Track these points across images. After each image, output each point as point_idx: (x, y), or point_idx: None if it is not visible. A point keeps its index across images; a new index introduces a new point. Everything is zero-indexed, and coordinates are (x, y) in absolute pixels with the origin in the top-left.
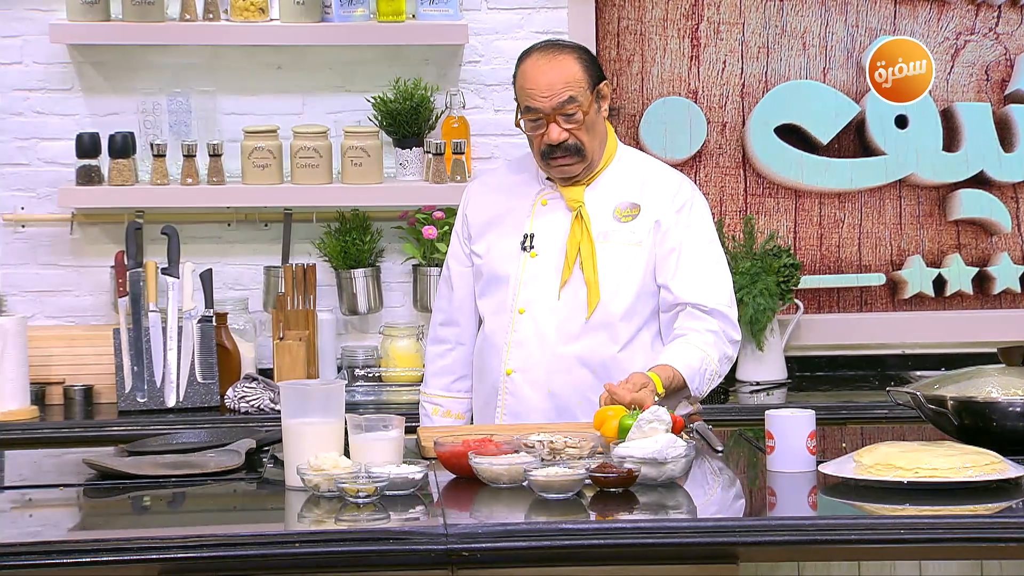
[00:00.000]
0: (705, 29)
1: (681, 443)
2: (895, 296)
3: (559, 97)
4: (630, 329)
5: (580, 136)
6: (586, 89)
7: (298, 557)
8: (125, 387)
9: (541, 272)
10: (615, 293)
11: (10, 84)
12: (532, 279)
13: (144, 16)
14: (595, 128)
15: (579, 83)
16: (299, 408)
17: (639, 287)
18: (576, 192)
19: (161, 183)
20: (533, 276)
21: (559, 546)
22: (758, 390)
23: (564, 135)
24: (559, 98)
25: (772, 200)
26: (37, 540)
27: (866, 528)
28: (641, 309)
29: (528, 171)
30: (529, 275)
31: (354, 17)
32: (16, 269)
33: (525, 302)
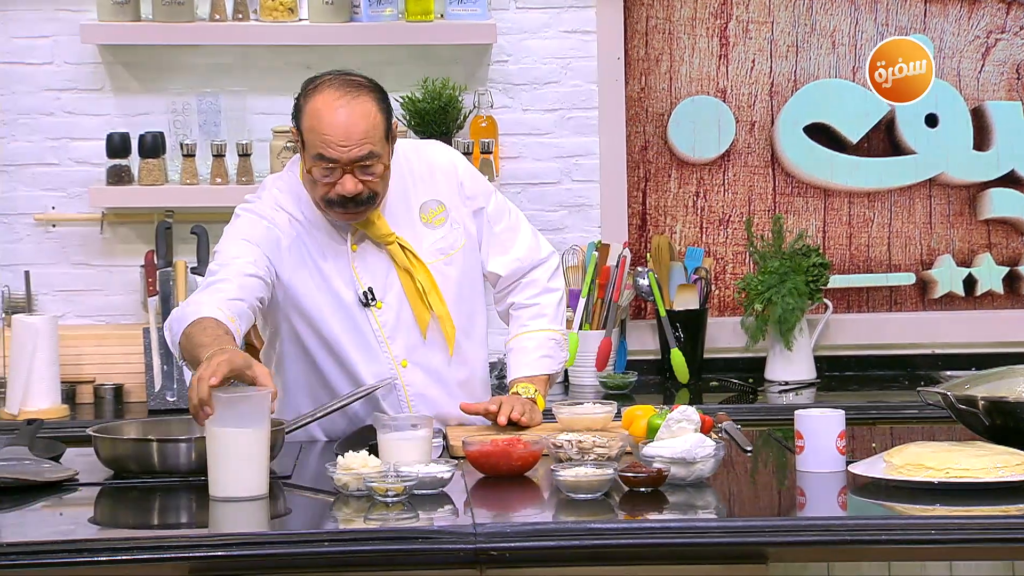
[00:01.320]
0: (734, 28)
1: (710, 442)
2: (925, 296)
3: (359, 150)
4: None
5: (375, 187)
6: (384, 138)
7: (327, 556)
8: (155, 386)
9: (396, 321)
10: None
11: (41, 84)
12: (393, 332)
13: (174, 16)
14: (387, 174)
15: (378, 131)
16: (224, 416)
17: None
18: (380, 225)
19: (191, 183)
20: (392, 329)
21: (588, 546)
22: (787, 390)
23: (360, 187)
24: (359, 151)
25: (801, 199)
26: (68, 538)
27: (896, 528)
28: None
29: (313, 207)
30: (389, 329)
31: (383, 17)
32: (47, 268)
33: (403, 355)
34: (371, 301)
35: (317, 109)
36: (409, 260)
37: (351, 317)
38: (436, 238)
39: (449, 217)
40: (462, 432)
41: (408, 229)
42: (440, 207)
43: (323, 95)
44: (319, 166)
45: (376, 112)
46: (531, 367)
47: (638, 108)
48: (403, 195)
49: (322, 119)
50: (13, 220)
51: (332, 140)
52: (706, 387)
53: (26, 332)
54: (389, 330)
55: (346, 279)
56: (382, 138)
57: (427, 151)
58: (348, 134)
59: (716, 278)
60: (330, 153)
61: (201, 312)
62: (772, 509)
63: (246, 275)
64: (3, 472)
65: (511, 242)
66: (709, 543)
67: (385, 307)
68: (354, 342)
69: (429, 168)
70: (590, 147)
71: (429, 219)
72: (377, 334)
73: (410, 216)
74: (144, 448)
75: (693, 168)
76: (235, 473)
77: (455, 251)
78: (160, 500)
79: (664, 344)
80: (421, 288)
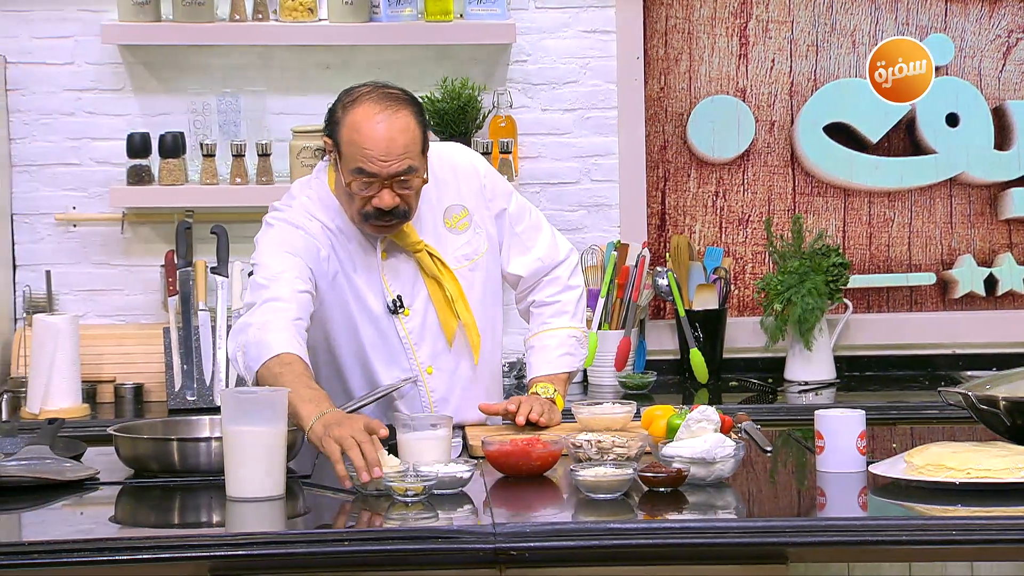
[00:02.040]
0: (754, 27)
1: (730, 443)
2: (946, 296)
3: (399, 165)
4: (498, 331)
5: (411, 202)
6: (421, 152)
7: (346, 555)
8: (175, 385)
9: (423, 329)
10: (486, 312)
11: (62, 84)
12: (419, 340)
13: (194, 17)
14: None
15: (417, 145)
16: (241, 415)
17: (498, 291)
18: (409, 233)
19: (210, 183)
20: (419, 336)
21: (607, 546)
22: (806, 390)
23: (397, 201)
24: (399, 165)
25: (821, 199)
26: (89, 537)
27: (917, 529)
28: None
29: (343, 217)
30: (415, 336)
31: (402, 17)
32: (68, 268)
33: (428, 361)
34: (399, 308)
35: (357, 122)
36: (437, 268)
37: (379, 325)
38: (460, 243)
39: (472, 222)
40: (481, 432)
41: (433, 235)
42: (463, 211)
43: (363, 108)
44: (358, 180)
45: (415, 126)
46: (552, 365)
47: (657, 108)
48: (427, 200)
49: (362, 133)
50: (34, 220)
51: (373, 155)
52: (725, 387)
53: (47, 332)
54: (415, 337)
55: (376, 288)
56: (420, 152)
57: (448, 153)
58: (388, 149)
59: (735, 278)
60: (370, 168)
61: (281, 346)
62: (792, 509)
63: (299, 292)
64: (24, 471)
65: (532, 242)
66: (729, 543)
67: (412, 314)
68: (380, 349)
69: (452, 171)
70: (609, 147)
71: (453, 224)
72: (404, 341)
73: (435, 221)
74: (164, 447)
75: (712, 168)
76: (252, 473)
77: (479, 256)
78: (180, 499)
79: (683, 344)
80: (450, 296)
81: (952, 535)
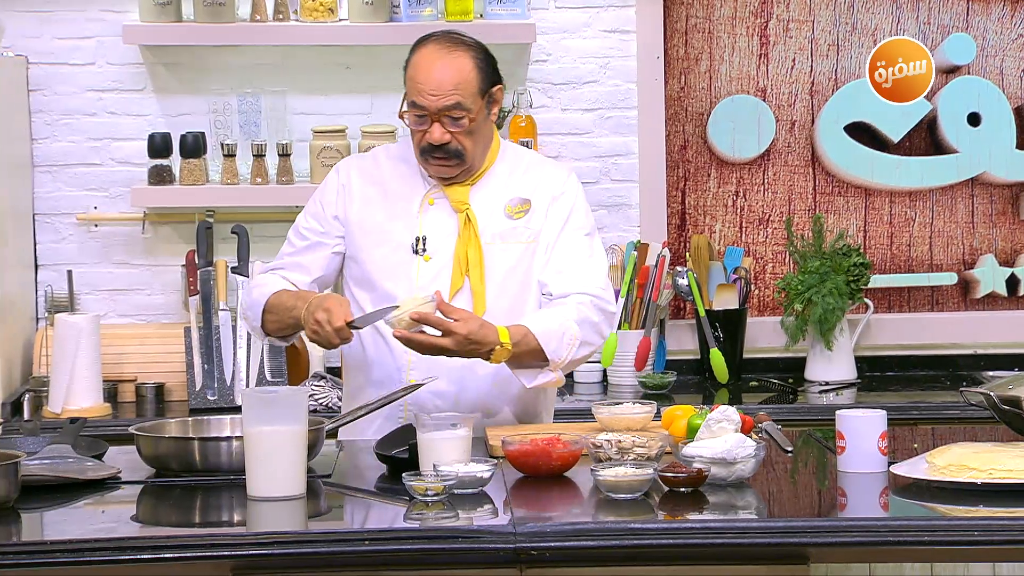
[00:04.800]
0: (774, 27)
1: (750, 443)
2: (967, 295)
3: (447, 99)
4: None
5: (463, 141)
6: (476, 94)
7: (367, 555)
8: (196, 385)
9: (435, 277)
10: (504, 296)
11: (84, 85)
12: (428, 284)
13: (215, 17)
14: (480, 133)
15: (470, 86)
16: (261, 415)
17: (530, 285)
18: (461, 193)
19: (231, 183)
20: (428, 283)
21: (628, 546)
22: (827, 390)
23: (447, 137)
24: (447, 100)
25: (841, 199)
26: (111, 536)
27: (939, 529)
28: (521, 308)
29: (411, 164)
30: (424, 280)
31: (422, 17)
32: (90, 268)
33: None
34: (421, 250)
35: (417, 60)
36: (469, 232)
37: (399, 258)
38: (506, 227)
39: (529, 216)
40: (502, 432)
41: (486, 209)
42: (526, 204)
43: (426, 48)
44: (412, 113)
45: (471, 68)
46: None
47: (677, 107)
48: (503, 184)
49: (419, 69)
50: (56, 220)
51: (424, 88)
52: (745, 387)
53: (69, 331)
54: (425, 281)
55: (409, 224)
56: (474, 93)
57: (541, 160)
58: (439, 84)
59: (756, 278)
60: (421, 101)
61: (270, 291)
62: (813, 509)
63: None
64: (47, 470)
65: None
66: (750, 543)
67: (432, 261)
68: (390, 285)
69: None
70: (629, 146)
71: (511, 211)
72: (411, 284)
73: (497, 202)
74: (185, 447)
75: (733, 167)
76: (273, 473)
77: (515, 242)
78: (201, 499)
79: (703, 344)
80: (467, 259)
81: (974, 536)
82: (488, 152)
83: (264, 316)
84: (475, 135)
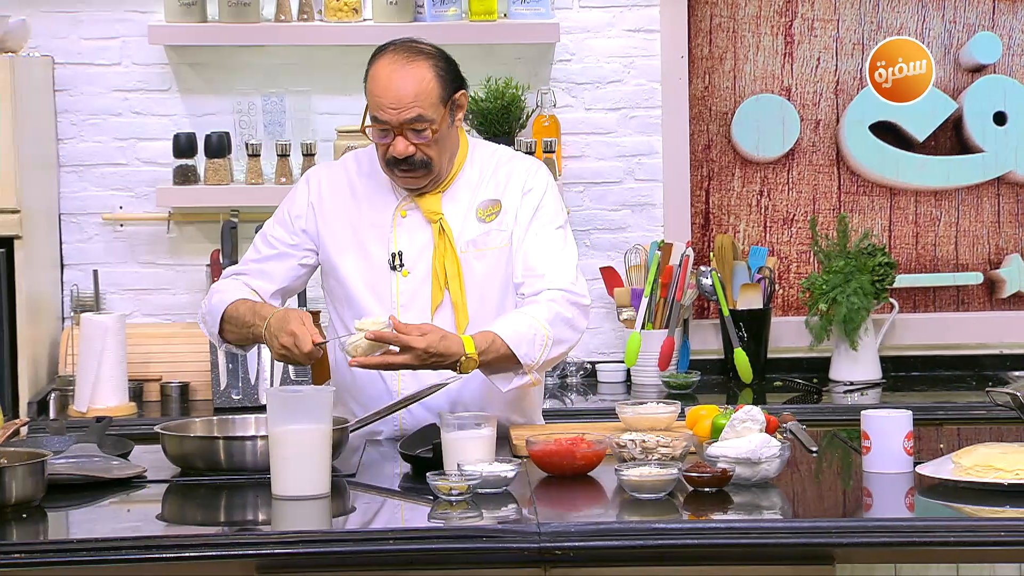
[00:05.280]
0: (799, 26)
1: (775, 443)
2: (993, 295)
3: (407, 112)
4: None
5: (427, 151)
6: (438, 103)
7: (391, 554)
8: (220, 384)
9: (415, 293)
10: (485, 303)
11: (110, 85)
12: (409, 301)
13: (240, 17)
14: (446, 141)
15: (430, 96)
16: (286, 414)
17: (509, 289)
18: (432, 202)
19: (255, 182)
20: (410, 298)
21: (652, 546)
22: (852, 390)
23: (411, 150)
24: (407, 113)
25: (866, 198)
26: (137, 535)
27: (965, 530)
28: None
29: (381, 176)
30: (405, 297)
31: (446, 16)
32: (115, 267)
33: None
34: (398, 266)
35: (375, 73)
36: (444, 242)
37: (376, 275)
38: (479, 232)
39: (500, 217)
40: (526, 432)
41: (459, 216)
42: (496, 205)
43: (383, 59)
44: (374, 127)
45: (430, 78)
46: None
47: (702, 107)
48: (473, 187)
49: (378, 82)
50: (82, 220)
51: (383, 102)
52: (770, 387)
53: (95, 331)
54: (406, 298)
55: (383, 239)
56: (434, 103)
57: (509, 155)
58: (398, 97)
59: (780, 277)
60: (381, 115)
61: (229, 298)
62: (838, 510)
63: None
64: (73, 469)
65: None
66: (775, 544)
67: (410, 276)
68: (371, 302)
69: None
70: (653, 146)
71: (483, 214)
72: (393, 300)
73: (469, 206)
74: (210, 446)
75: (757, 167)
76: (297, 472)
77: (489, 248)
78: (226, 497)
79: (727, 344)
80: (445, 271)
81: (1001, 536)
82: (456, 157)
83: (222, 324)
84: (440, 144)
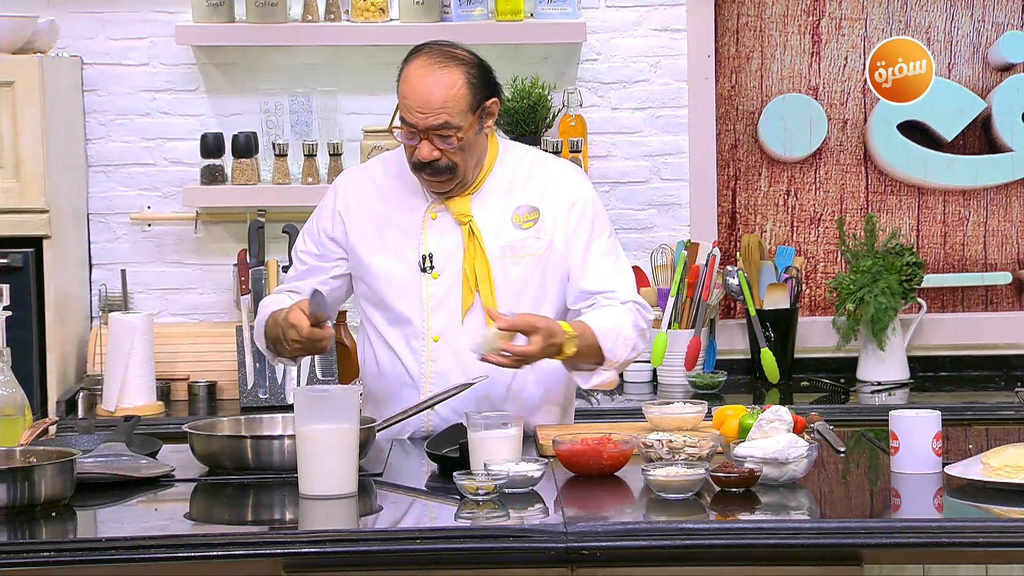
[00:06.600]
0: (826, 25)
1: (803, 443)
2: (1022, 295)
3: (435, 118)
4: None
5: (453, 157)
6: (466, 111)
7: (418, 553)
8: (247, 383)
9: (446, 295)
10: (519, 308)
11: (138, 85)
12: (440, 304)
13: (267, 17)
14: (473, 148)
15: (459, 104)
16: (313, 414)
17: (545, 296)
18: (462, 204)
19: (282, 182)
20: (440, 301)
21: (679, 546)
22: (879, 390)
23: (436, 154)
24: (434, 119)
25: (894, 198)
26: (165, 534)
27: (994, 531)
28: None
29: (410, 179)
30: (436, 300)
31: (473, 16)
32: (143, 267)
33: (438, 330)
34: (429, 268)
35: (407, 75)
36: (474, 244)
37: (407, 277)
38: (516, 238)
39: (539, 224)
40: (553, 431)
41: (491, 220)
42: (535, 212)
43: (416, 62)
44: (403, 129)
45: (461, 84)
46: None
47: (728, 106)
48: (505, 190)
49: (408, 84)
50: (110, 220)
51: (412, 105)
52: (797, 387)
53: (123, 330)
54: (436, 301)
55: (413, 241)
56: (463, 111)
57: (545, 160)
58: (426, 102)
59: (807, 277)
60: (409, 118)
61: (264, 316)
62: (866, 510)
63: None
64: (102, 468)
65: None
66: (803, 544)
67: (441, 279)
68: (402, 304)
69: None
70: (680, 145)
71: (519, 220)
72: (423, 302)
73: (503, 211)
74: (238, 445)
75: (784, 166)
76: (324, 471)
77: (527, 255)
78: (254, 497)
79: (754, 344)
80: (475, 274)
81: None
82: (484, 162)
83: (266, 342)
84: (467, 151)
